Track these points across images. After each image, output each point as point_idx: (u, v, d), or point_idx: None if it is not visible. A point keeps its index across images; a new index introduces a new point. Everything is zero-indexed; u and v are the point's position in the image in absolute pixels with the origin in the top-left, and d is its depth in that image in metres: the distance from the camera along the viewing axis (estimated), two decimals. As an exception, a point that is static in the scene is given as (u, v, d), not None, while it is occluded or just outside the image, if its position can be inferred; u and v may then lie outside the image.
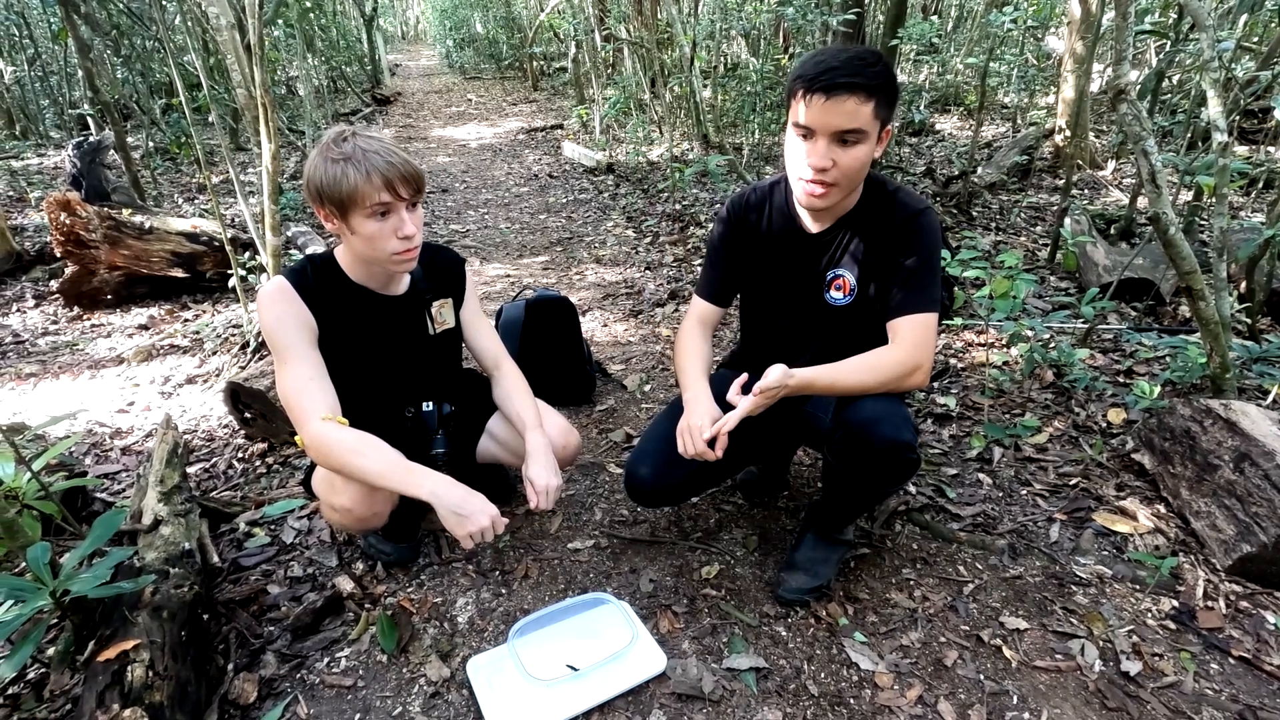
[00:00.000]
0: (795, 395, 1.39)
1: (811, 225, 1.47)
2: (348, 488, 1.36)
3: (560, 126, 8.27)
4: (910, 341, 1.38)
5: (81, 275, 3.56)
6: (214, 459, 2.29)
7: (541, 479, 1.49)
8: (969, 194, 4.45)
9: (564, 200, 5.44)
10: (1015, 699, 1.34)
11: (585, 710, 1.33)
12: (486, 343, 1.70)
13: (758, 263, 1.58)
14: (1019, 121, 6.67)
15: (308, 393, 1.35)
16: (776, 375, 1.33)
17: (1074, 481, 1.92)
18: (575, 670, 1.38)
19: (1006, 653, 1.43)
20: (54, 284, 3.73)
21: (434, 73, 15.41)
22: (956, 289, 2.30)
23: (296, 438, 1.35)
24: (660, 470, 1.55)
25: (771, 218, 1.53)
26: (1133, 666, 1.38)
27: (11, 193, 6.08)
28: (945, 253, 2.13)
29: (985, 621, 1.52)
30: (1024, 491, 1.91)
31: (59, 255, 3.52)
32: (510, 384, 1.66)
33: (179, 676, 1.23)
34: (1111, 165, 5.48)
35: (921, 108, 6.46)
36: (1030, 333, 2.44)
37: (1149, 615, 1.51)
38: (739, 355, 1.80)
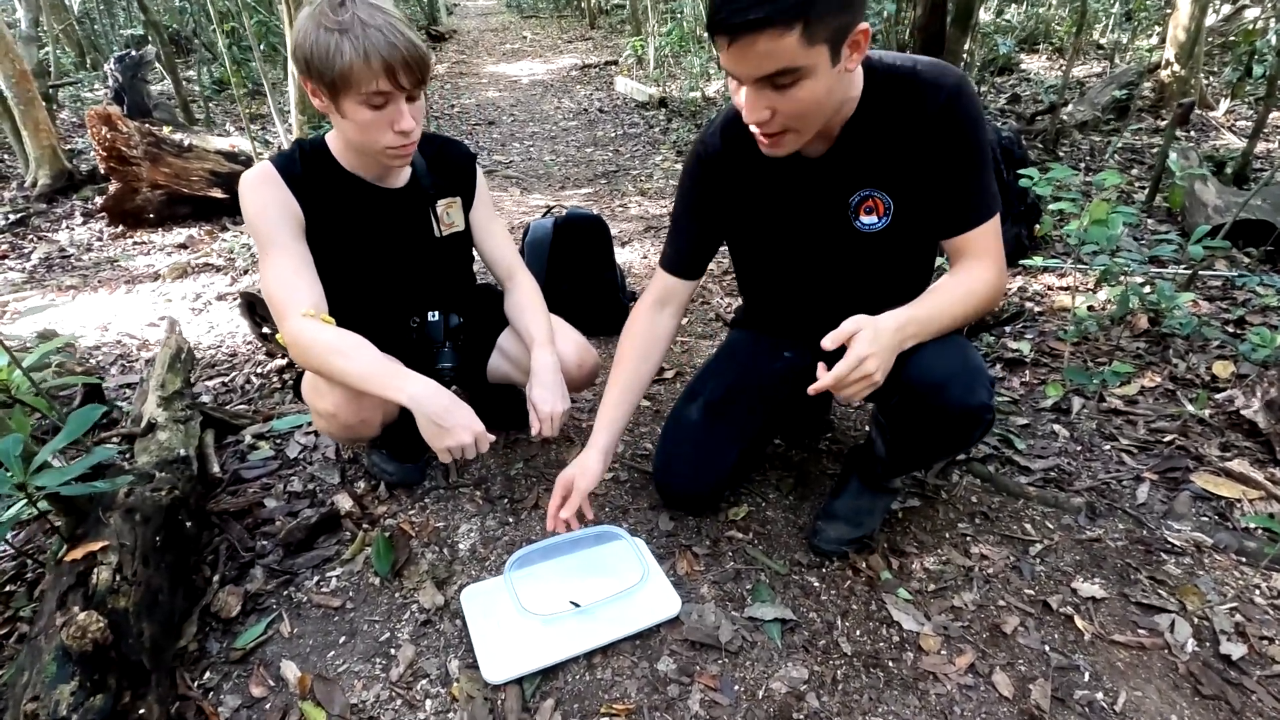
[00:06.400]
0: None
1: (811, 147, 1.16)
2: (331, 391, 1.24)
3: (614, 63, 7.94)
4: (993, 254, 1.14)
5: (125, 193, 3.55)
6: (233, 374, 2.23)
7: (546, 403, 1.33)
8: (1057, 131, 4.02)
9: (613, 134, 5.20)
10: (1087, 676, 1.14)
11: (586, 651, 1.19)
12: (500, 250, 1.54)
13: (753, 205, 1.27)
14: (1116, 61, 6.03)
15: (290, 286, 1.21)
16: (863, 345, 0.98)
17: (1169, 438, 1.66)
18: (577, 607, 1.24)
19: (1079, 623, 1.23)
20: (100, 201, 3.75)
21: (491, 12, 15.09)
22: (1045, 216, 2.01)
23: (278, 336, 1.22)
24: (692, 475, 1.43)
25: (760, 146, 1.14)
26: (1235, 649, 1.16)
27: (76, 120, 6.21)
28: (1033, 171, 1.86)
29: (1054, 587, 1.31)
30: (1107, 447, 1.67)
31: (103, 171, 3.51)
32: (522, 295, 1.50)
33: (150, 583, 1.14)
34: (1224, 106, 4.89)
35: (1008, 41, 5.89)
36: (1124, 276, 2.14)
37: (1257, 592, 1.27)
38: (751, 311, 1.55)
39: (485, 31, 11.93)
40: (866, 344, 0.98)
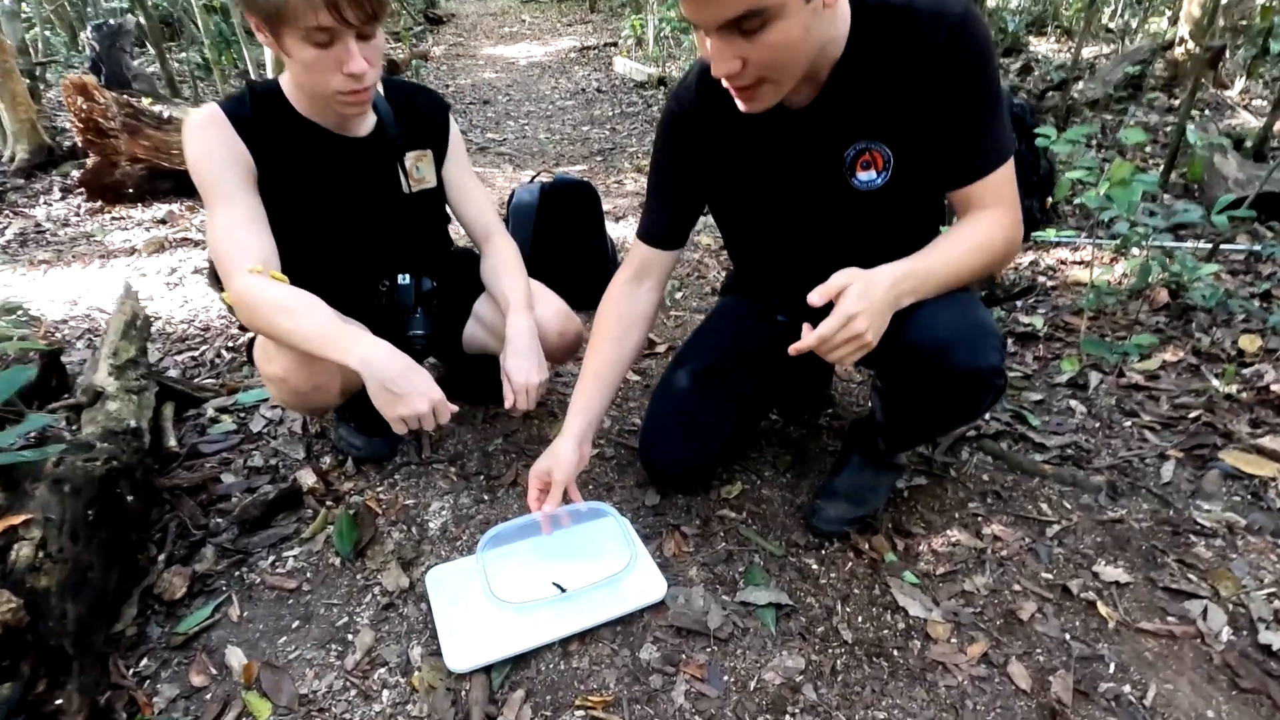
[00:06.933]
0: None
1: (795, 96, 1.02)
2: (281, 354, 1.12)
3: (614, 45, 7.78)
4: (1006, 202, 1.02)
5: (103, 167, 3.43)
6: (204, 349, 2.12)
7: (521, 373, 1.22)
8: (1068, 109, 3.89)
9: (610, 114, 5.06)
10: (1112, 667, 1.04)
11: (561, 638, 1.08)
12: (476, 209, 1.42)
13: (737, 165, 1.13)
14: (1127, 43, 5.88)
15: (237, 241, 1.10)
16: (851, 301, 0.87)
17: (1194, 414, 1.55)
18: (563, 590, 1.13)
19: (1102, 610, 1.12)
20: (77, 175, 3.63)
21: (491, -4, 14.88)
22: (1061, 179, 1.89)
23: (224, 295, 1.11)
24: (681, 447, 1.32)
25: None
26: (1276, 639, 1.05)
27: (62, 98, 6.07)
28: (1050, 130, 1.74)
29: (1074, 571, 1.20)
30: (1128, 423, 1.55)
31: (80, 144, 3.39)
32: (499, 258, 1.38)
33: (78, 560, 1.04)
34: (1240, 84, 4.75)
35: (1016, 20, 5.74)
36: (1143, 246, 2.02)
37: (1297, 577, 1.17)
38: (742, 276, 1.43)
39: (484, 15, 11.75)
40: (855, 300, 0.87)
